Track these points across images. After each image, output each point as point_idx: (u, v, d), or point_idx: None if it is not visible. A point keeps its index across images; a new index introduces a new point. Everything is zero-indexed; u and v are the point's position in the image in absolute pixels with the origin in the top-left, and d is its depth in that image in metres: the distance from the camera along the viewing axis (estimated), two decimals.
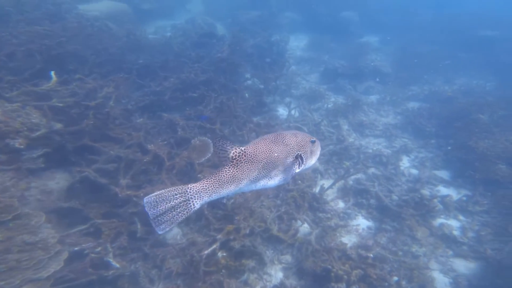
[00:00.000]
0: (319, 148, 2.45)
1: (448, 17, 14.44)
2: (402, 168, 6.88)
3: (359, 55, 11.23)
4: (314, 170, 6.50)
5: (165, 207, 1.82)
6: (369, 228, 5.59)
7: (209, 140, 4.50)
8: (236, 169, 1.97)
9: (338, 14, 14.58)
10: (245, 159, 1.99)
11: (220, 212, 4.86)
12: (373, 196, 5.96)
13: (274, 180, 2.12)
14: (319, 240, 4.96)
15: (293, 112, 8.02)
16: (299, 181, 6.10)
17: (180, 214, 1.84)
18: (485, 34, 13.17)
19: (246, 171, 1.99)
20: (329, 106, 8.56)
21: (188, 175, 4.48)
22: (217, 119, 5.86)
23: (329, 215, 5.54)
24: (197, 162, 4.38)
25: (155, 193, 1.85)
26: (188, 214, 1.87)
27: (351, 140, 7.26)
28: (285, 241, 4.81)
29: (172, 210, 1.83)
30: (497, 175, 6.22)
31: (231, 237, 4.21)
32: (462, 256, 5.10)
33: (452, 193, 6.26)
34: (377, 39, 14.95)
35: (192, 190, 1.89)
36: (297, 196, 5.61)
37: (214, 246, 4.04)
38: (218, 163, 2.04)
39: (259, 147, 2.07)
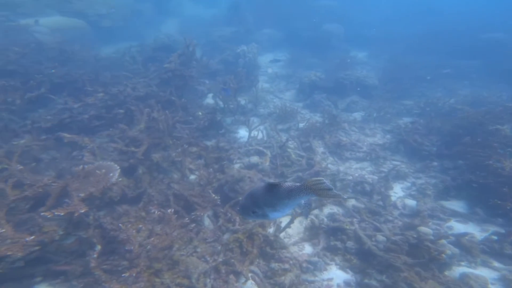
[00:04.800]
0: None
1: (439, 24, 14.00)
2: (393, 198, 5.71)
3: (342, 69, 10.53)
4: None
5: None
6: (346, 284, 4.30)
7: (112, 165, 3.45)
8: None
9: (320, 27, 14.24)
10: None
11: (124, 264, 3.70)
12: (351, 237, 4.74)
13: None
14: None
15: (256, 133, 7.02)
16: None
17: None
18: (490, 36, 12.38)
19: None
20: (301, 125, 7.59)
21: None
22: (146, 141, 4.83)
23: (286, 266, 4.27)
24: (77, 195, 3.26)
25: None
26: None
27: (324, 164, 6.16)
28: None
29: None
30: None
31: None
32: None
33: (473, 231, 5.01)
34: (365, 53, 14.49)
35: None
36: (244, 239, 4.40)
37: None
38: None
39: None
